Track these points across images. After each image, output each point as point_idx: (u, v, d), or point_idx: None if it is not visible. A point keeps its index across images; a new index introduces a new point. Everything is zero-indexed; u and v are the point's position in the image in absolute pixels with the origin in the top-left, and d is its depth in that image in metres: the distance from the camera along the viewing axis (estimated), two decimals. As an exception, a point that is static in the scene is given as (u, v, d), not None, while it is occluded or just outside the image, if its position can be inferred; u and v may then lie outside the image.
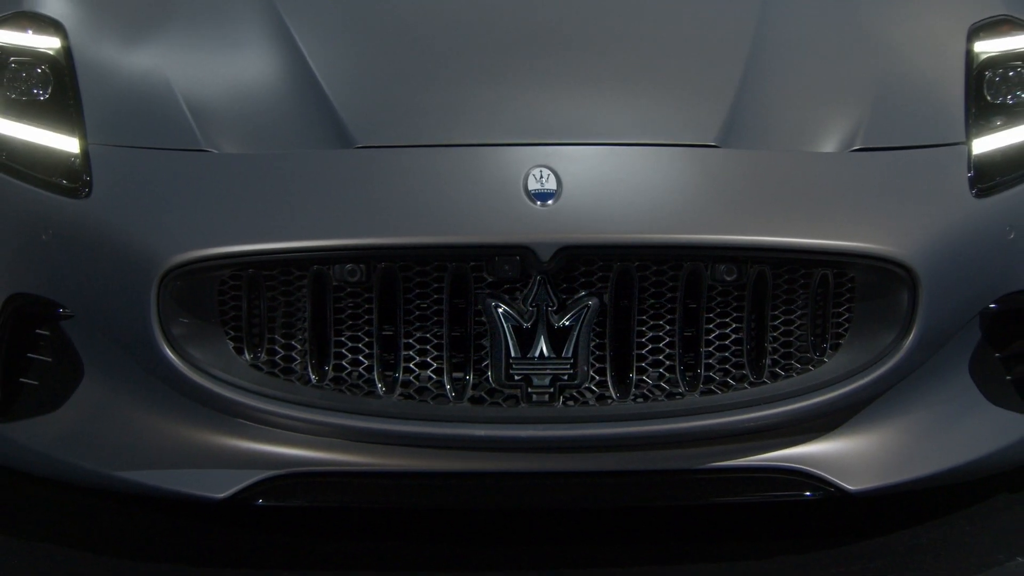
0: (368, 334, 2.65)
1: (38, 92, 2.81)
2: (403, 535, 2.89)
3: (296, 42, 2.92)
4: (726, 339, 2.70)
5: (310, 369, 2.66)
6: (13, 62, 2.83)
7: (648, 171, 2.72)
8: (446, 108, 2.80)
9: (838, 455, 2.73)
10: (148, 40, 2.95)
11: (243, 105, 2.81)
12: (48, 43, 2.86)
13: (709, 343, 2.69)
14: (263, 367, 2.67)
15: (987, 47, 2.95)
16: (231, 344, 2.66)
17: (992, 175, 2.80)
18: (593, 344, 2.66)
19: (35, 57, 2.84)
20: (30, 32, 2.89)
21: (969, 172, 2.78)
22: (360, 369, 2.67)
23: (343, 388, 2.66)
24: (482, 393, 2.67)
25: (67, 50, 2.85)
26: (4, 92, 2.81)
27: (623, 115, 2.83)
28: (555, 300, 2.63)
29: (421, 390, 2.67)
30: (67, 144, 2.75)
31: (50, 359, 2.74)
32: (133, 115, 2.79)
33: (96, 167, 2.71)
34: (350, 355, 2.66)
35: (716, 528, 2.93)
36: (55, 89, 2.81)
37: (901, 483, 2.75)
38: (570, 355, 2.64)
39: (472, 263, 2.63)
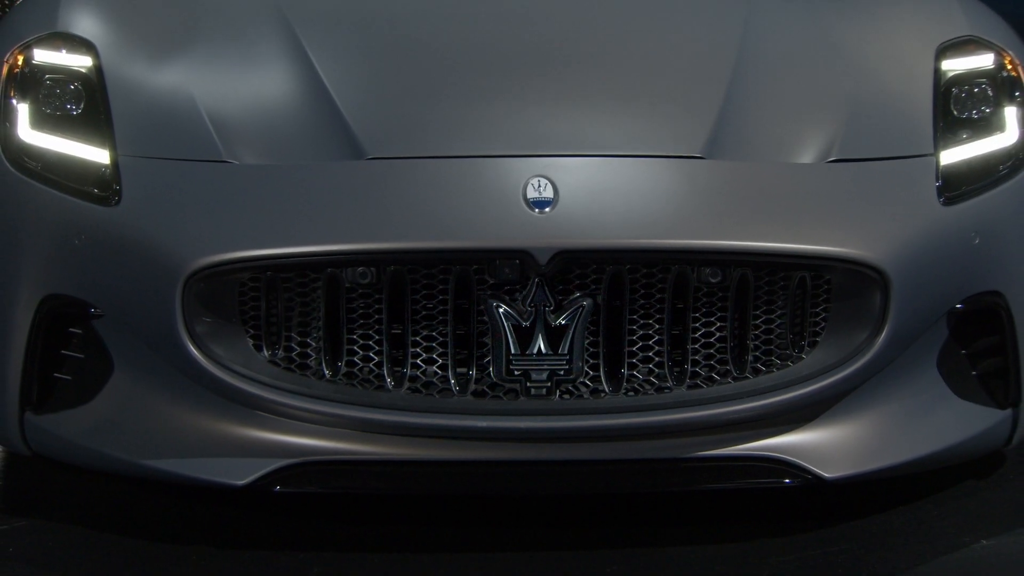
0: (378, 332, 2.69)
1: (71, 107, 2.84)
2: (410, 519, 2.92)
3: (311, 61, 2.95)
4: (711, 337, 2.74)
5: (324, 365, 2.70)
6: (48, 79, 2.86)
7: (639, 181, 2.76)
8: (451, 122, 2.84)
9: (816, 445, 2.76)
10: (174, 59, 2.97)
11: (262, 119, 2.84)
12: (80, 62, 2.89)
13: (695, 340, 2.73)
14: (280, 363, 2.70)
15: (954, 65, 3.00)
16: (251, 341, 2.70)
17: (959, 185, 2.85)
18: (587, 342, 2.70)
19: (68, 75, 2.87)
20: (64, 51, 2.91)
21: (937, 182, 2.83)
22: (371, 365, 2.71)
23: (355, 382, 2.70)
24: (484, 387, 2.70)
25: (98, 68, 2.88)
26: (40, 107, 2.83)
27: (615, 129, 2.86)
28: (552, 301, 2.67)
29: (427, 384, 2.71)
30: (98, 156, 2.78)
31: (82, 355, 2.79)
32: (160, 128, 2.82)
33: (125, 177, 2.75)
34: (361, 352, 2.71)
35: (701, 513, 2.95)
36: (87, 104, 2.84)
37: (874, 471, 2.80)
38: (566, 352, 2.69)
39: (475, 266, 2.67)
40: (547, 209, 2.68)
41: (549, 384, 2.71)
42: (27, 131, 2.83)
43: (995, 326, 2.89)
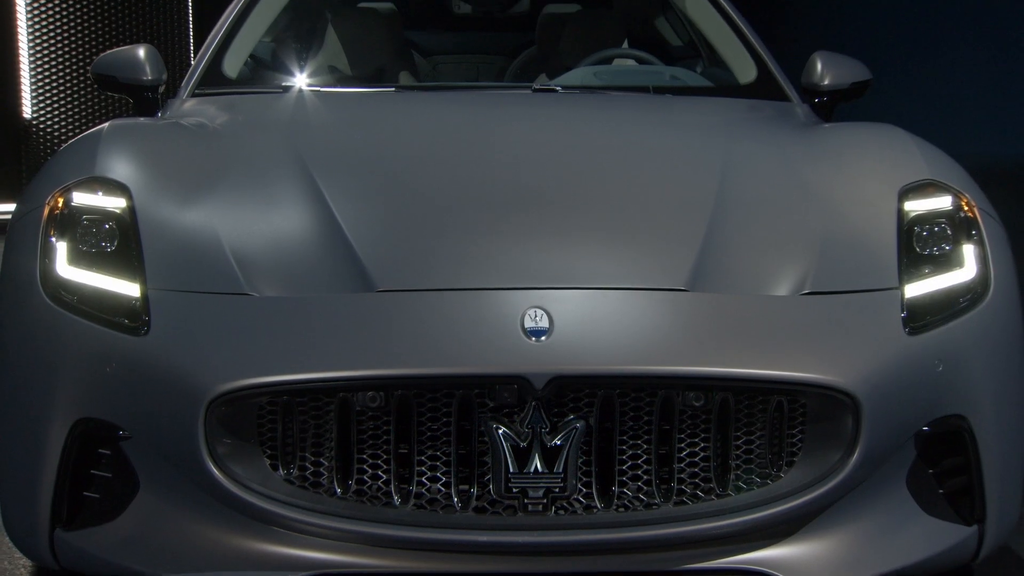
0: (386, 452, 2.79)
1: (106, 245, 3.00)
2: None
3: (327, 201, 3.12)
4: (695, 456, 2.83)
5: (336, 483, 2.79)
6: (85, 219, 3.02)
7: (627, 311, 2.88)
8: (454, 258, 2.98)
9: (794, 558, 2.87)
10: (200, 200, 3.13)
11: (280, 255, 2.98)
12: (115, 203, 3.05)
13: (681, 460, 2.83)
14: (295, 481, 2.80)
15: (915, 206, 3.14)
16: (267, 461, 2.80)
17: (922, 316, 2.96)
18: (580, 461, 2.79)
19: (104, 215, 3.03)
20: (100, 194, 3.07)
21: (902, 313, 2.95)
22: (379, 483, 2.80)
23: (364, 499, 2.79)
24: (484, 503, 2.79)
25: (131, 209, 3.04)
26: (77, 245, 2.99)
27: (605, 264, 3.00)
28: (548, 423, 2.78)
29: (432, 501, 2.80)
30: (130, 289, 2.92)
31: (110, 475, 2.88)
32: (186, 264, 2.96)
33: (154, 309, 2.88)
34: (371, 471, 2.81)
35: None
36: (120, 242, 2.99)
37: (848, 584, 2.88)
38: (561, 471, 2.78)
39: (476, 391, 2.77)
40: (543, 338, 2.80)
41: (545, 501, 2.80)
42: (64, 267, 2.98)
43: (960, 447, 2.99)
